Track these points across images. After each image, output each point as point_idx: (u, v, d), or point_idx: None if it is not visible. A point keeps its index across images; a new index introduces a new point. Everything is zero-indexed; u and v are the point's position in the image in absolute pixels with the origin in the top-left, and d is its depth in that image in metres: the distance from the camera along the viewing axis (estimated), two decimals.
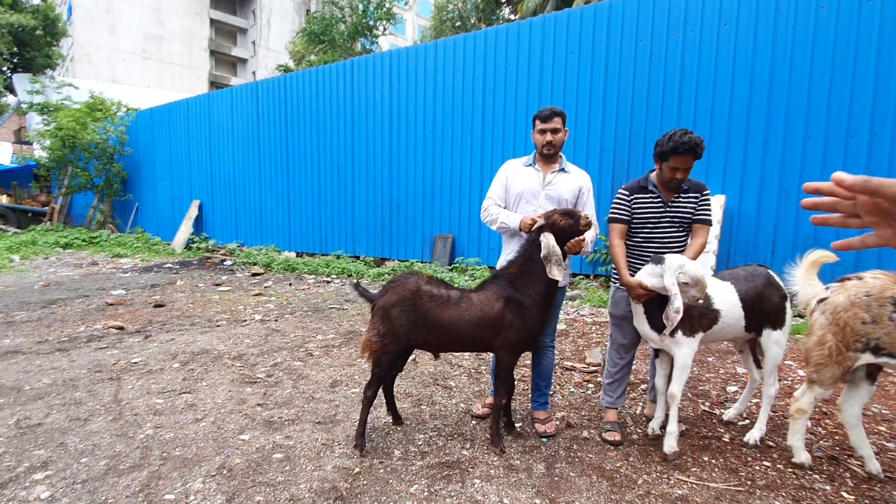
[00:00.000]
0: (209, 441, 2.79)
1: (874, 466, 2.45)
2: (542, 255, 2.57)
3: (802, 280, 2.48)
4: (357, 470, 2.48)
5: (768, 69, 5.83)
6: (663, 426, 2.79)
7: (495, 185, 3.00)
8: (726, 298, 2.69)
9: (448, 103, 8.34)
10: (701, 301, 2.50)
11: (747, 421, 3.09)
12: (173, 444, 2.78)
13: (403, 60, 8.76)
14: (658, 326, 2.67)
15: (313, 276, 8.64)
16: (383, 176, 9.21)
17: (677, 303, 2.40)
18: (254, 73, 38.92)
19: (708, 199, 2.81)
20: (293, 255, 10.53)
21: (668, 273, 2.46)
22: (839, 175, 0.66)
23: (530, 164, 2.97)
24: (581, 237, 2.63)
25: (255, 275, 8.73)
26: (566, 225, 2.59)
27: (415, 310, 2.60)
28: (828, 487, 2.38)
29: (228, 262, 10.09)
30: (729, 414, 3.13)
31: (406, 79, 8.77)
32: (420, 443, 2.77)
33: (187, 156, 12.53)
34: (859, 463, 2.60)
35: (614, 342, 3.03)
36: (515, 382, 3.30)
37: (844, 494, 2.33)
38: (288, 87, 10.35)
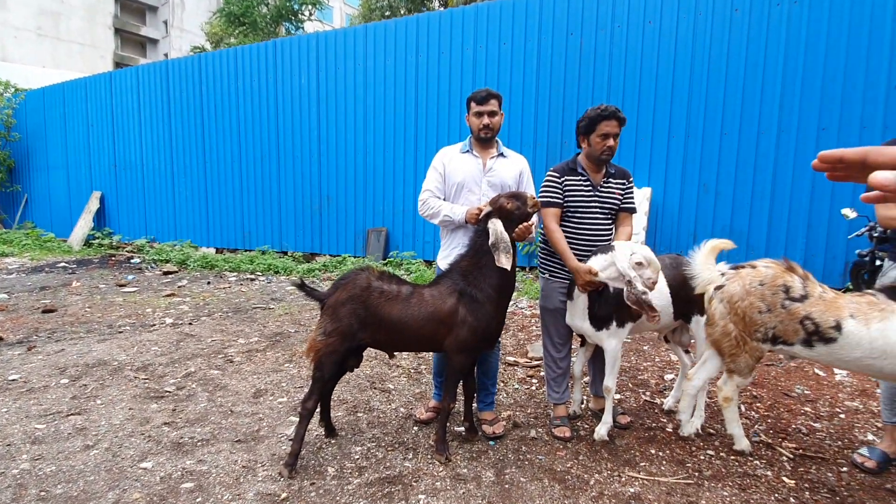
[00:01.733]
0: (101, 473, 2.35)
1: (744, 444, 2.55)
2: (489, 242, 2.39)
3: (701, 265, 2.47)
4: (284, 495, 2.17)
5: (688, 66, 6.06)
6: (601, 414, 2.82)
7: (432, 175, 2.76)
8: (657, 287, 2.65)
9: (380, 90, 7.99)
10: (655, 282, 2.43)
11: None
12: (55, 479, 2.31)
13: (332, 44, 8.28)
14: (598, 319, 2.60)
15: (235, 273, 7.99)
16: (312, 166, 8.69)
17: (639, 286, 2.33)
18: (166, 54, 35.80)
19: (632, 187, 2.82)
20: (212, 251, 9.73)
21: (620, 259, 2.37)
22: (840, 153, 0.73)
23: (467, 151, 2.77)
24: (529, 221, 2.47)
25: (167, 273, 7.92)
26: (514, 208, 2.43)
27: (365, 307, 2.37)
28: (769, 473, 2.41)
29: (136, 260, 9.11)
30: (668, 403, 3.14)
31: (335, 63, 8.30)
32: (357, 456, 2.50)
33: (86, 142, 11.18)
34: (793, 446, 2.67)
35: (549, 337, 2.91)
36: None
37: (785, 479, 2.36)
38: (204, 67, 9.48)
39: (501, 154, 2.79)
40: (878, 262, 4.63)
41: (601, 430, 2.68)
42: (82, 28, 33.28)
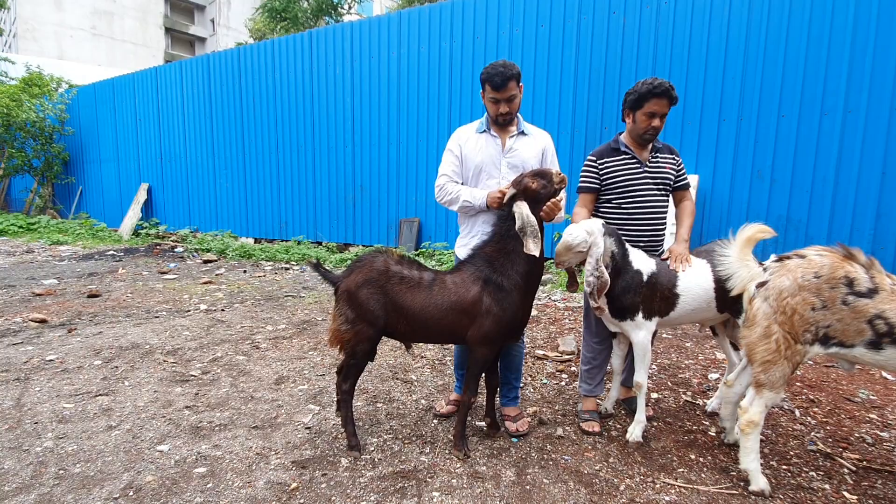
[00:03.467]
0: (119, 454, 2.35)
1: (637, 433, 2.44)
2: (516, 227, 2.21)
3: (737, 260, 2.11)
4: (294, 485, 2.09)
5: (743, 42, 5.60)
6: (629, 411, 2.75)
7: (448, 158, 2.58)
8: (694, 278, 2.43)
9: (414, 78, 7.88)
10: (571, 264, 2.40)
11: None
12: (75, 458, 2.32)
13: (366, 32, 8.22)
14: (619, 311, 2.44)
15: (271, 262, 8.11)
16: (346, 156, 8.70)
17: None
18: (213, 51, 37.10)
19: (682, 164, 2.72)
20: (251, 241, 9.93)
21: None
22: None
23: (485, 130, 2.56)
24: (557, 198, 2.28)
25: (207, 262, 8.13)
26: (539, 187, 2.25)
27: (383, 292, 2.25)
28: (826, 486, 2.14)
29: (179, 249, 9.41)
30: (712, 404, 2.87)
31: (369, 52, 8.24)
32: (372, 448, 2.40)
33: (135, 135, 11.64)
34: (856, 457, 2.37)
35: (590, 326, 2.77)
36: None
37: (846, 494, 2.09)
38: (242, 60, 9.64)
39: (522, 132, 2.57)
40: None
41: (635, 431, 2.49)
42: (134, 28, 34.87)
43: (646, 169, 2.59)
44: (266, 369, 3.43)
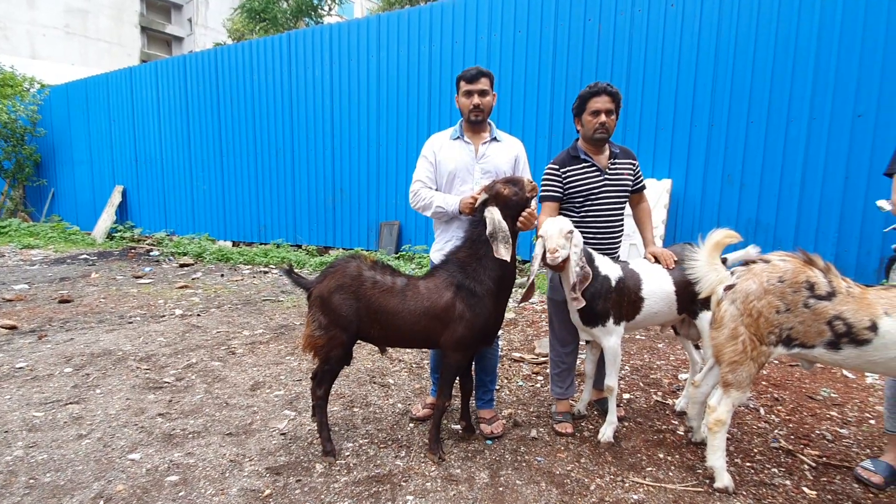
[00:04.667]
0: (89, 463, 2.32)
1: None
2: (487, 232, 2.25)
3: (705, 264, 2.18)
4: (268, 492, 2.09)
5: (713, 50, 5.75)
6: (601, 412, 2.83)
7: (422, 164, 2.62)
8: (657, 281, 2.51)
9: (393, 81, 7.89)
10: (561, 255, 2.32)
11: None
12: (45, 467, 2.28)
13: (345, 35, 8.21)
14: (590, 318, 2.47)
15: (249, 266, 8.03)
16: (325, 159, 8.66)
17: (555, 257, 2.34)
18: (191, 51, 36.47)
19: (639, 166, 2.78)
20: (229, 244, 9.80)
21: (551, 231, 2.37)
22: None
23: (458, 137, 2.61)
24: (532, 208, 2.34)
25: (183, 266, 8.01)
26: (511, 193, 2.29)
27: (356, 297, 2.25)
28: (788, 482, 2.23)
29: (155, 253, 9.24)
30: (680, 404, 2.96)
31: (348, 55, 8.23)
32: (348, 453, 2.41)
33: (108, 137, 11.40)
34: (816, 453, 2.47)
35: (555, 331, 2.81)
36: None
37: (805, 489, 2.17)
38: (220, 61, 9.53)
39: (495, 138, 2.63)
40: None
41: (607, 432, 2.56)
42: (109, 26, 34.07)
43: (606, 176, 2.63)
44: (242, 375, 3.40)
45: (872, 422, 2.84)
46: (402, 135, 7.91)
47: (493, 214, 2.25)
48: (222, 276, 7.21)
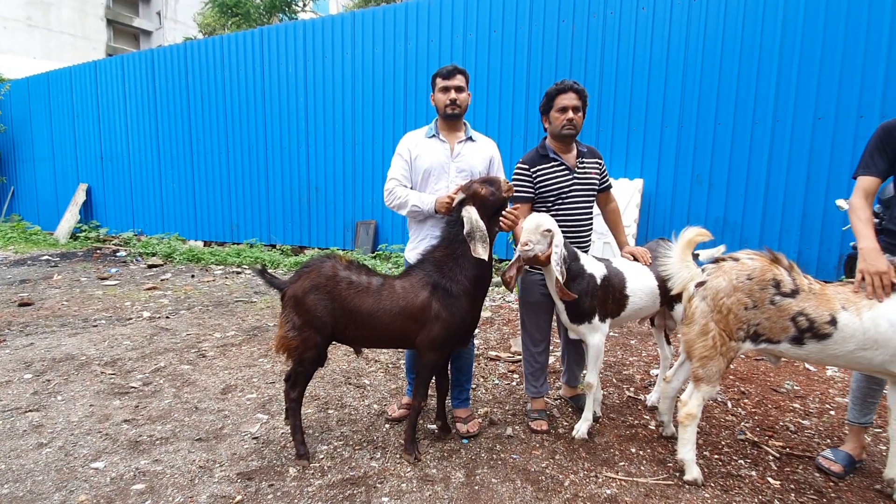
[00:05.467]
0: (51, 472, 2.23)
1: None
2: (465, 231, 2.25)
3: (678, 261, 2.23)
4: (239, 498, 2.04)
5: (682, 53, 5.89)
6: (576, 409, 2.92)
7: (397, 162, 2.60)
8: (640, 278, 2.59)
9: (369, 79, 7.83)
10: (534, 249, 2.36)
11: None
12: (3, 478, 2.19)
13: (319, 32, 8.10)
14: (577, 315, 2.50)
15: (221, 266, 7.86)
16: (300, 157, 8.54)
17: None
18: (159, 46, 35.40)
19: (605, 165, 2.83)
20: (200, 244, 9.58)
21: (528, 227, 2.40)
22: None
23: (433, 135, 2.61)
24: (508, 209, 2.38)
25: (151, 266, 7.78)
26: (488, 193, 2.31)
27: (331, 298, 2.22)
28: (753, 473, 2.29)
29: (122, 254, 8.96)
30: (652, 398, 3.03)
31: (323, 52, 8.12)
32: (322, 456, 2.38)
33: (72, 133, 10.99)
34: (780, 444, 2.55)
35: (527, 331, 2.82)
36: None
37: (770, 480, 2.24)
38: (190, 56, 9.29)
39: (470, 138, 2.65)
40: None
41: (581, 428, 2.59)
42: (73, 18, 32.84)
43: (575, 175, 2.66)
44: (212, 378, 3.33)
45: (833, 413, 2.95)
46: (378, 133, 7.86)
47: (471, 214, 2.25)
48: (193, 276, 7.04)
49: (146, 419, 2.75)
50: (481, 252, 2.23)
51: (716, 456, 2.44)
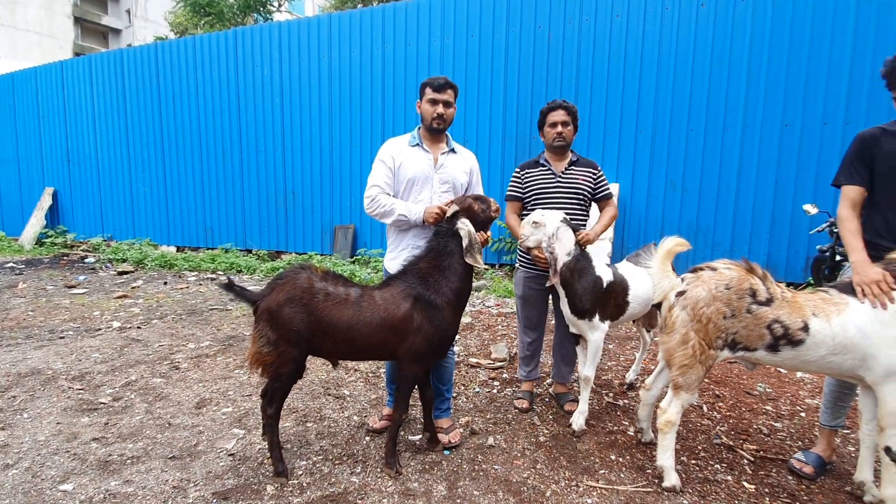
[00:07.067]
0: (17, 495, 2.13)
1: None
2: (464, 244, 2.30)
3: (658, 271, 2.29)
4: None
5: (655, 61, 6.00)
6: (560, 406, 3.12)
7: (380, 169, 2.57)
8: (641, 286, 2.78)
9: (346, 82, 7.77)
10: (529, 239, 2.66)
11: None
12: None
13: (295, 33, 8.01)
14: (579, 311, 2.67)
15: (195, 272, 7.68)
16: (276, 160, 8.42)
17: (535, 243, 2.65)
18: (129, 45, 34.42)
19: (604, 176, 2.99)
20: (172, 249, 9.36)
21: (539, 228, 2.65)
22: None
23: (417, 144, 2.60)
24: (488, 230, 2.48)
25: (122, 273, 7.56)
26: (480, 210, 2.41)
27: (307, 311, 2.16)
28: (729, 478, 2.34)
29: (90, 260, 8.69)
30: (630, 377, 3.40)
31: (299, 54, 8.03)
32: (301, 472, 2.33)
33: (37, 135, 10.62)
34: (754, 447, 2.62)
35: (520, 321, 3.16)
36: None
37: (745, 484, 2.29)
38: (161, 57, 9.07)
39: (452, 149, 2.66)
40: (837, 258, 4.67)
41: (579, 420, 2.73)
42: (40, 17, 31.77)
43: (559, 179, 2.90)
44: (186, 392, 3.24)
45: (803, 415, 3.03)
46: (356, 136, 7.80)
47: (468, 226, 2.32)
48: (165, 283, 6.86)
49: (116, 437, 2.65)
50: (480, 261, 2.32)
51: (693, 461, 2.49)
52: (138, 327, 4.71)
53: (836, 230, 4.63)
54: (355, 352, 2.32)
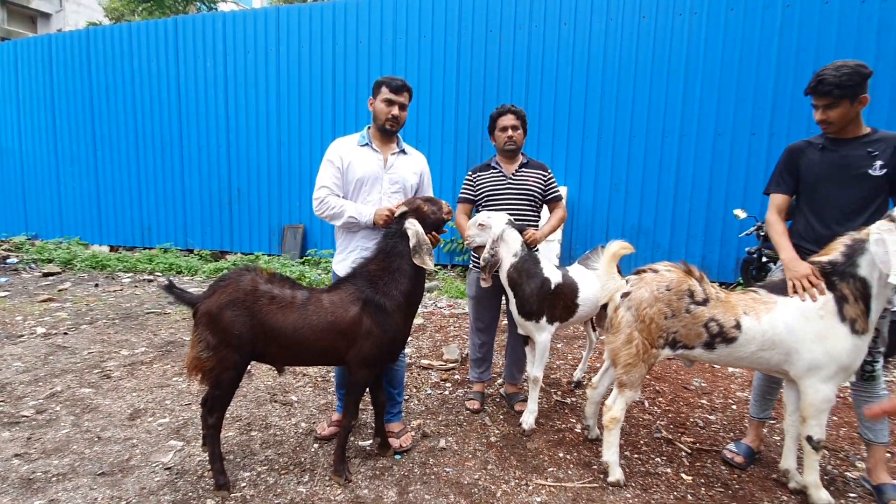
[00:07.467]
0: None
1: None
2: (412, 244, 2.25)
3: (605, 273, 2.39)
4: None
5: (601, 69, 6.22)
6: (510, 406, 3.16)
7: (328, 170, 2.51)
8: (591, 289, 2.82)
9: (294, 77, 7.56)
10: (475, 241, 2.76)
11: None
12: None
13: (240, 25, 7.71)
14: (526, 313, 2.71)
15: (130, 274, 7.23)
16: (221, 156, 8.06)
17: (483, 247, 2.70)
18: (59, 30, 31.97)
19: (554, 178, 3.07)
20: (105, 249, 8.78)
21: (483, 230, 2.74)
22: None
23: (366, 144, 2.56)
24: (440, 231, 2.44)
25: (48, 275, 7.01)
26: (430, 212, 2.37)
27: (251, 314, 2.07)
28: (668, 470, 2.45)
29: (13, 260, 7.98)
30: (577, 375, 3.52)
31: (245, 46, 7.73)
32: (244, 484, 2.24)
33: None
34: (691, 440, 2.76)
35: (471, 322, 3.18)
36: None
37: (683, 475, 2.41)
38: (93, 44, 8.49)
39: (402, 151, 2.63)
40: (764, 259, 5.01)
41: (528, 419, 2.78)
42: None
43: (510, 182, 2.96)
44: (119, 402, 3.04)
45: (734, 407, 3.23)
46: (306, 134, 7.61)
47: (416, 227, 2.28)
48: (97, 286, 6.42)
49: (41, 453, 2.45)
50: (428, 262, 2.28)
51: (635, 455, 2.59)
52: (65, 333, 4.38)
53: (762, 233, 4.97)
54: (302, 357, 2.25)
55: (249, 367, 2.47)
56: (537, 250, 3.01)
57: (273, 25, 7.55)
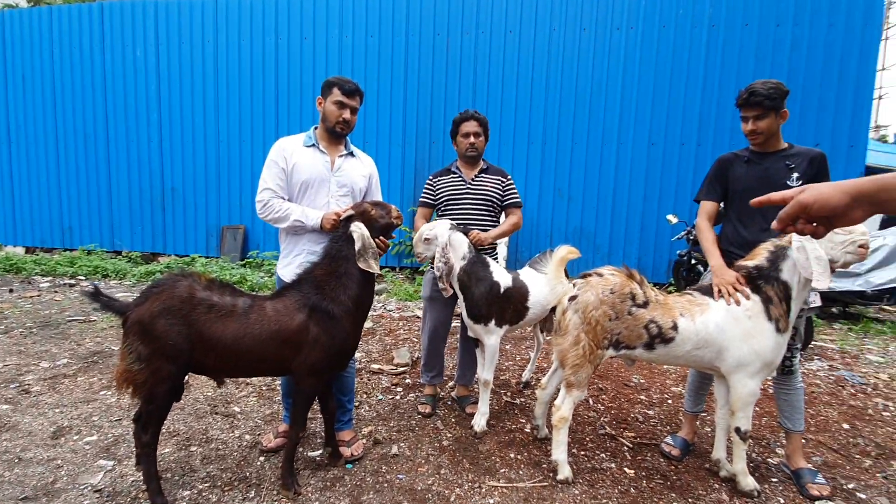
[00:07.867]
0: None
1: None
2: (357, 248, 2.20)
3: (553, 278, 2.47)
4: None
5: (544, 77, 6.43)
6: (461, 409, 3.19)
7: (272, 170, 2.41)
8: (541, 292, 2.86)
9: (234, 72, 7.25)
10: (424, 254, 2.78)
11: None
12: None
13: (174, 13, 7.30)
14: (475, 316, 2.75)
15: (49, 278, 6.65)
16: (152, 152, 7.59)
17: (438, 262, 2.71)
18: None
19: (513, 184, 3.11)
20: (21, 250, 8.04)
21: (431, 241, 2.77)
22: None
23: (313, 145, 2.49)
24: (389, 236, 2.40)
25: None
26: (378, 216, 2.32)
27: (187, 323, 1.95)
28: (612, 465, 2.57)
29: None
30: (525, 376, 3.58)
31: (179, 36, 7.33)
32: (184, 503, 2.12)
33: None
34: (632, 435, 2.90)
35: (425, 322, 3.18)
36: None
37: (626, 469, 2.53)
38: (8, 27, 7.76)
39: (351, 153, 2.58)
40: (693, 262, 5.35)
41: (480, 422, 2.82)
42: None
43: (469, 187, 3.01)
44: (39, 420, 2.78)
45: (670, 402, 3.43)
46: (247, 130, 7.32)
47: (362, 230, 2.22)
48: (11, 291, 5.86)
49: None
50: (374, 266, 2.24)
51: (582, 452, 2.69)
52: None
53: (692, 238, 5.30)
54: (244, 368, 2.15)
55: (187, 377, 2.35)
56: (492, 252, 3.07)
57: (211, 16, 7.22)
